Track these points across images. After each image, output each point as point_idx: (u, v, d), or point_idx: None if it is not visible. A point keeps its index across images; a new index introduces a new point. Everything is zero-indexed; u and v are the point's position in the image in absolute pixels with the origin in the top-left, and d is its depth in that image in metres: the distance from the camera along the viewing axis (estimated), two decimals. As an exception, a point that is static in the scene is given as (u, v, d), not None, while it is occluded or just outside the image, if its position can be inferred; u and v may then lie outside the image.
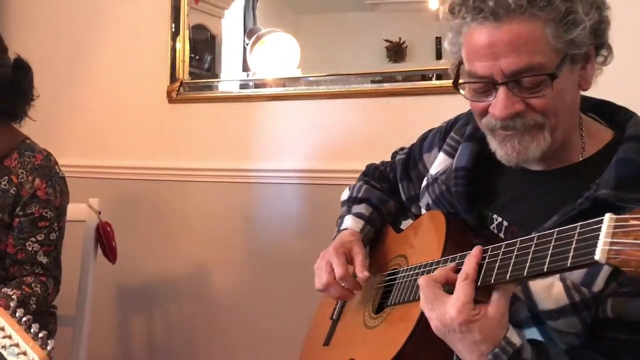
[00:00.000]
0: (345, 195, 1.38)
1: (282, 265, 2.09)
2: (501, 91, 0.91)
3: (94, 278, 1.85)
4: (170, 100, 2.27)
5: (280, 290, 2.08)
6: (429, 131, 1.27)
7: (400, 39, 2.11)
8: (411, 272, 1.04)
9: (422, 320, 0.94)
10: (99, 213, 1.85)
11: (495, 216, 1.03)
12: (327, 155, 2.05)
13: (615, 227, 0.67)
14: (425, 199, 1.17)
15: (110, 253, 1.85)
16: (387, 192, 1.34)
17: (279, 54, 2.28)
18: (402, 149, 1.35)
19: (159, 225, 2.27)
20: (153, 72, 2.30)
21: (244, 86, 2.26)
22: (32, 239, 1.56)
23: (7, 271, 1.55)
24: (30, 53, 1.73)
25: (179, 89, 2.26)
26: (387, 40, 2.12)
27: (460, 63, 0.98)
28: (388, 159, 1.42)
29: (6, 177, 1.57)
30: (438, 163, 1.16)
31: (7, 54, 1.66)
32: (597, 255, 0.68)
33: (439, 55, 2.01)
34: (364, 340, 1.11)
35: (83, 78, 2.45)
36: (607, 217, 0.69)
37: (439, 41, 2.02)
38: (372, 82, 2.02)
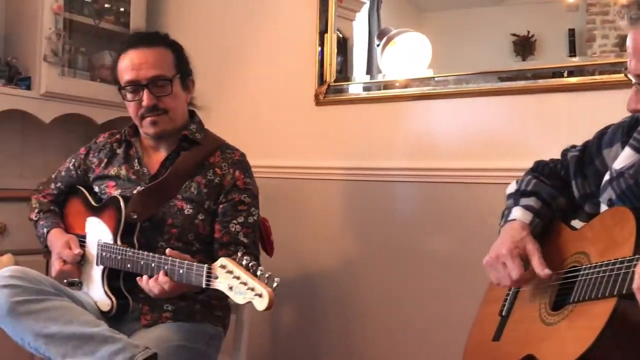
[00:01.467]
0: (512, 188, 1.39)
1: (423, 261, 2.12)
2: None
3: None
4: (318, 102, 2.38)
5: (421, 284, 2.12)
6: (607, 127, 1.26)
7: (528, 32, 2.07)
8: (598, 269, 1.03)
9: (614, 316, 0.94)
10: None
11: None
12: (464, 154, 2.07)
13: None
14: (608, 194, 1.16)
15: (268, 246, 1.97)
16: (557, 188, 1.33)
17: (409, 54, 2.31)
18: (573, 146, 1.35)
19: (308, 220, 2.38)
20: (302, 76, 2.42)
21: (382, 87, 2.31)
22: (234, 221, 1.75)
23: (216, 254, 1.73)
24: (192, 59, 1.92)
25: (326, 92, 2.35)
26: (514, 35, 2.09)
27: None
28: (525, 157, 1.43)
29: (211, 170, 1.78)
30: (624, 158, 1.15)
31: None
32: None
33: (572, 49, 1.95)
34: (544, 336, 1.12)
35: (239, 86, 2.62)
36: None
37: (572, 33, 1.96)
38: (500, 79, 1.99)
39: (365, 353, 2.26)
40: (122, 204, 1.70)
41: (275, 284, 1.30)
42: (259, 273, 1.32)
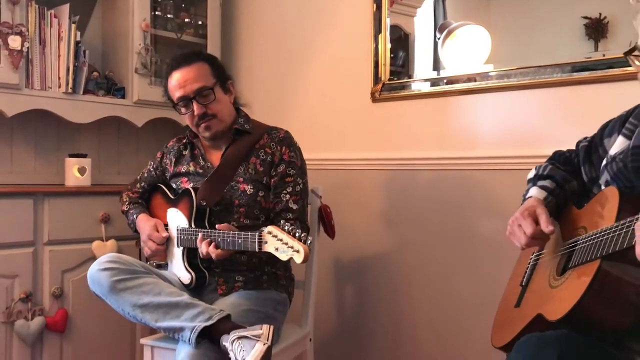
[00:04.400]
0: (531, 173, 1.57)
1: (471, 244, 2.24)
2: None
3: (317, 250, 2.24)
4: (374, 100, 2.54)
5: (470, 266, 2.24)
6: (609, 121, 1.42)
7: (600, 14, 2.00)
8: (589, 238, 1.22)
9: (599, 274, 1.13)
10: (320, 197, 2.23)
11: None
12: (509, 144, 2.16)
13: None
14: (605, 177, 1.32)
15: (330, 230, 2.22)
16: (571, 173, 1.50)
17: (470, 47, 2.32)
18: (585, 138, 1.51)
19: (366, 207, 2.55)
20: (359, 76, 2.58)
21: (435, 83, 2.38)
22: (284, 191, 2.02)
23: (273, 221, 2.01)
24: (259, 61, 2.15)
25: (381, 90, 2.51)
26: (585, 17, 2.02)
27: None
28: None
29: (262, 151, 2.06)
30: (617, 144, 1.31)
31: None
32: None
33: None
34: (549, 297, 1.30)
35: (300, 84, 2.82)
36: None
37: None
38: (564, 72, 2.00)
39: (414, 332, 2.41)
40: (192, 194, 2.00)
41: (309, 242, 1.61)
42: (297, 234, 1.61)
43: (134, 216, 2.17)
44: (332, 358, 2.65)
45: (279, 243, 1.63)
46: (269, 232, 1.66)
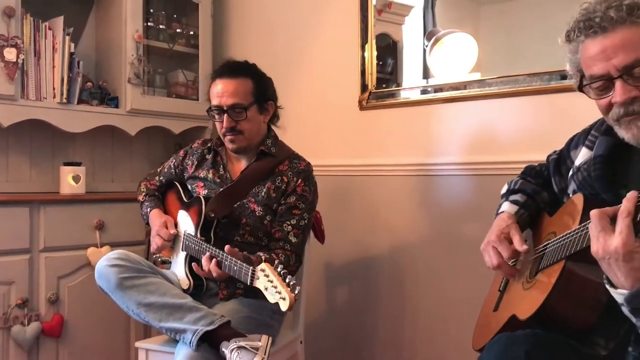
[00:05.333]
0: (504, 189, 1.65)
1: (459, 247, 2.29)
2: (618, 83, 1.17)
3: (308, 255, 2.28)
4: (361, 107, 2.60)
5: (459, 266, 2.29)
6: (576, 134, 1.50)
7: None
8: (557, 242, 1.29)
9: (564, 273, 1.20)
10: (310, 203, 2.29)
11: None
12: (493, 150, 2.22)
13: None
14: (572, 186, 1.40)
15: (320, 235, 2.28)
16: (541, 186, 1.58)
17: (456, 54, 2.37)
18: (555, 151, 1.59)
19: (354, 212, 2.61)
20: (347, 85, 2.64)
21: (424, 91, 2.43)
22: (287, 222, 2.04)
23: (268, 246, 2.05)
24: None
25: (368, 98, 2.57)
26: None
27: (582, 76, 1.23)
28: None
29: (279, 178, 2.09)
30: (581, 155, 1.39)
31: None
32: None
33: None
34: (522, 298, 1.37)
35: (289, 92, 2.81)
36: None
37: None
38: (542, 81, 2.04)
39: (406, 333, 2.47)
40: (203, 203, 2.04)
41: (297, 291, 1.59)
42: (287, 280, 1.61)
43: (148, 209, 2.21)
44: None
45: (269, 284, 1.63)
46: (262, 270, 1.66)
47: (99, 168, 3.05)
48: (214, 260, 1.82)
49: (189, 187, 2.22)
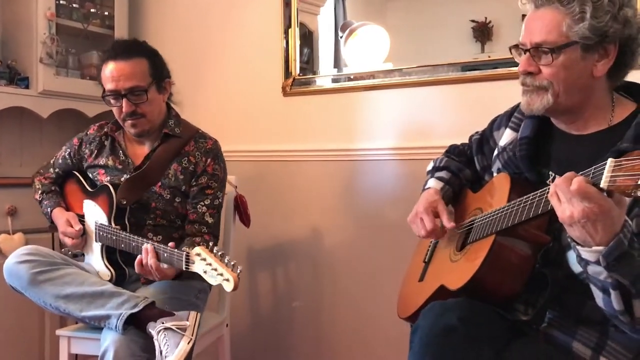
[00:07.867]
0: (430, 166, 1.75)
1: (380, 228, 2.38)
2: (526, 55, 1.32)
3: (233, 238, 2.30)
4: (285, 94, 2.64)
5: (380, 247, 2.38)
6: (498, 116, 1.61)
7: (486, 18, 2.14)
8: (485, 217, 1.39)
9: (494, 247, 1.30)
10: (236, 187, 2.30)
11: (551, 173, 1.35)
12: (415, 136, 2.33)
13: (614, 165, 1.00)
14: (496, 165, 1.51)
15: (245, 219, 2.30)
16: (464, 163, 1.69)
17: (370, 45, 2.47)
18: (477, 132, 1.70)
19: (279, 197, 2.65)
20: (270, 70, 2.66)
21: (339, 79, 2.51)
22: (201, 203, 2.02)
23: (184, 229, 2.03)
24: (168, 53, 2.14)
25: (291, 85, 2.61)
26: (473, 21, 2.15)
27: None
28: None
29: (186, 159, 2.05)
30: (506, 136, 1.50)
31: None
32: (602, 183, 1.01)
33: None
34: (450, 270, 1.47)
35: (216, 81, 2.86)
36: (609, 160, 1.01)
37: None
38: (456, 70, 2.17)
39: (326, 315, 2.54)
40: (112, 191, 1.98)
41: (239, 271, 1.58)
42: (226, 261, 1.60)
43: (49, 209, 2.13)
44: (249, 342, 2.73)
45: (208, 267, 1.61)
46: (198, 254, 1.64)
47: (6, 152, 2.90)
48: (151, 253, 1.77)
49: (90, 175, 2.15)
